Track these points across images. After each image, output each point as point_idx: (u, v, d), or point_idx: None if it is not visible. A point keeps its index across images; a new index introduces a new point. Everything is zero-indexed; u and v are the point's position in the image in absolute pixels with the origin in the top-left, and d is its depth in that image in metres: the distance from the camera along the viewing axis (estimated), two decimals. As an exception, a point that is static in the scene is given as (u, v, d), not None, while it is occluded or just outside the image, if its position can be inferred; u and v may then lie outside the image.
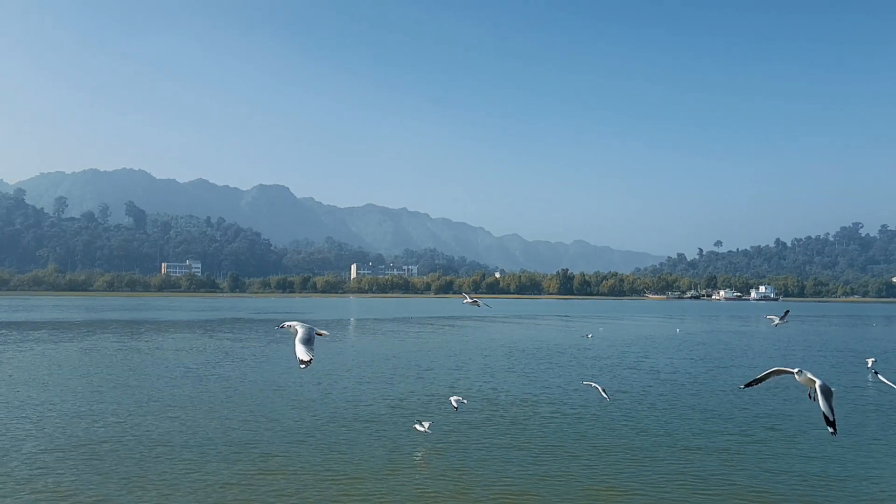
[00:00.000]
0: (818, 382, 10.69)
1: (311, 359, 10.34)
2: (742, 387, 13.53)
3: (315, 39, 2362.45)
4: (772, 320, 29.75)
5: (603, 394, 25.94)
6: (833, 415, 10.33)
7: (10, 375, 39.70)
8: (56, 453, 22.06)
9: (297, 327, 11.03)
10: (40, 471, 20.12)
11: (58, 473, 19.88)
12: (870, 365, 45.37)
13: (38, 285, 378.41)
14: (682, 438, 25.31)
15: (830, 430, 10.40)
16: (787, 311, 27.54)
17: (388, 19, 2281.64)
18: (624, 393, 36.12)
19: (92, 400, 31.97)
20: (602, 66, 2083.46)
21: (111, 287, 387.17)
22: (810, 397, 11.07)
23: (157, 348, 57.65)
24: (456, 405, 26.88)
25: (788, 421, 28.72)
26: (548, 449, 23.58)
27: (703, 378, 42.57)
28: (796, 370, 11.18)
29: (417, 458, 22.15)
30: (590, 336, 76.82)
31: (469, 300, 24.82)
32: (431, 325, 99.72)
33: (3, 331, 76.17)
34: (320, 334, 11.42)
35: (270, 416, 28.63)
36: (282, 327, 11.72)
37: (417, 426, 24.21)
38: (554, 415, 29.57)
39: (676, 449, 23.68)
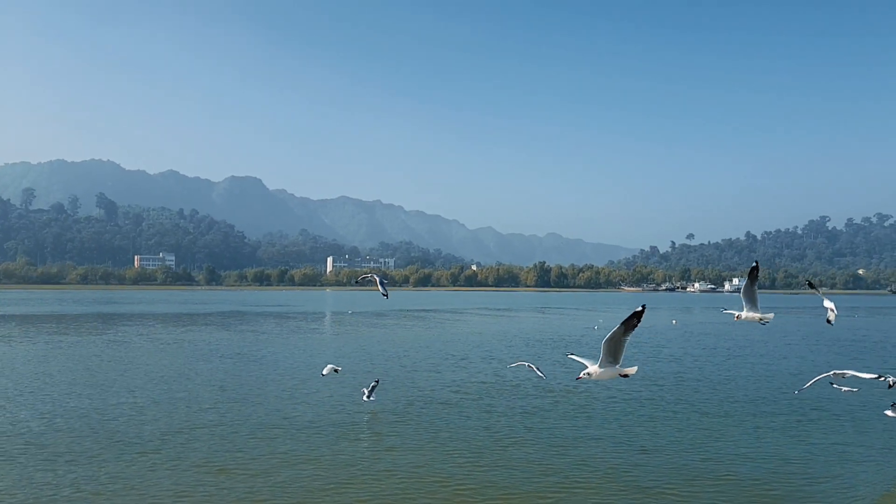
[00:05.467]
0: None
1: None
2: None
3: (287, 33, 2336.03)
4: None
5: (538, 372, 24.57)
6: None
7: (68, 366, 40.43)
8: (176, 435, 23.23)
9: None
10: (167, 450, 21.31)
11: (202, 452, 21.10)
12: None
13: (8, 279, 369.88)
14: (744, 419, 27.39)
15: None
16: None
17: (359, 14, 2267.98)
18: (663, 378, 38.26)
19: (160, 389, 32.97)
20: (577, 60, 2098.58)
21: (85, 280, 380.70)
22: (762, 323, 13.38)
23: (185, 340, 58.36)
24: (325, 373, 29.01)
25: (830, 403, 31.04)
26: (627, 429, 25.42)
27: (727, 365, 44.88)
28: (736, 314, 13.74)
29: (502, 443, 23.82)
30: (596, 328, 79.17)
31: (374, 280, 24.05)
32: (431, 318, 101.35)
33: (35, 324, 75.92)
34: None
35: (350, 400, 30.00)
36: None
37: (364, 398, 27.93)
38: (612, 399, 31.45)
39: (747, 428, 25.74)
